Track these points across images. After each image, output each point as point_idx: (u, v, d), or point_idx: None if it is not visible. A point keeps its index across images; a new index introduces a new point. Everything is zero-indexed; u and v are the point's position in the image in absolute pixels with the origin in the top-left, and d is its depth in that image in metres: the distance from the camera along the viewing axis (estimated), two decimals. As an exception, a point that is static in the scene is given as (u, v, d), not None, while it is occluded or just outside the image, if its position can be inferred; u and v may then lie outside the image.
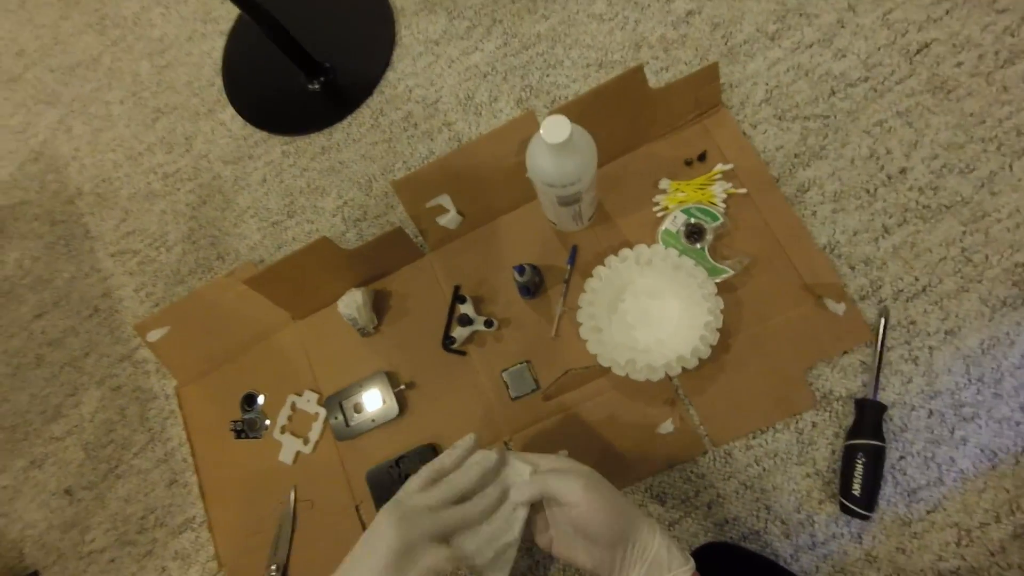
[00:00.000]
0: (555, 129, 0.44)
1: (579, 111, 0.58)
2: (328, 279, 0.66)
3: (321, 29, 0.81)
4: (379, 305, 0.68)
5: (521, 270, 0.57)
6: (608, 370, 0.55)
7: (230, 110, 0.83)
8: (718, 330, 0.52)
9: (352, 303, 0.64)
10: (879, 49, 0.60)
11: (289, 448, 0.66)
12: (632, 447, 0.57)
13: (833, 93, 0.60)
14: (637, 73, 0.56)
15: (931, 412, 0.51)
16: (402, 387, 0.64)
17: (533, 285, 0.60)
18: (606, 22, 0.69)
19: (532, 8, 0.72)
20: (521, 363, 0.61)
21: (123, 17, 0.93)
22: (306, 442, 0.66)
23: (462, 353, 0.63)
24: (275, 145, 0.79)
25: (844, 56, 0.61)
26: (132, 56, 0.90)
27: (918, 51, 0.59)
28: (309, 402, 0.67)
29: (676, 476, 0.56)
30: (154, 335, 0.72)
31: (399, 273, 0.68)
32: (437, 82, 0.74)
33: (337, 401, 0.65)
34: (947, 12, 0.59)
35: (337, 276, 0.66)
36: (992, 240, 0.53)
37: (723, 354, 0.55)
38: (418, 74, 0.75)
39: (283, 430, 0.67)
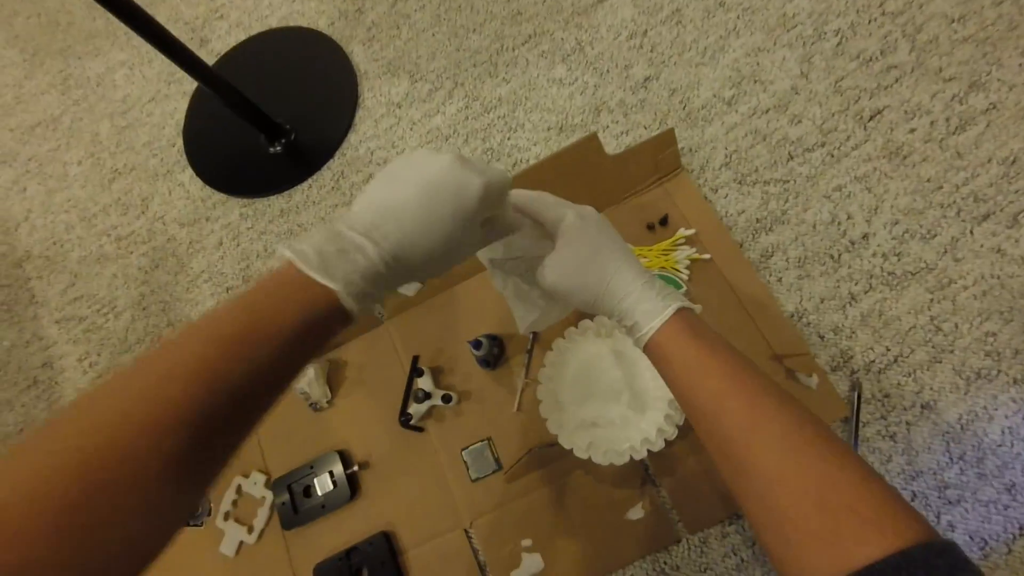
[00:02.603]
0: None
1: (537, 177, 0.57)
2: (278, 351, 0.62)
3: (284, 92, 0.81)
4: (334, 377, 0.64)
5: (477, 344, 0.54)
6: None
7: (189, 171, 0.81)
8: (684, 408, 0.49)
9: (304, 376, 0.61)
10: (833, 115, 0.60)
11: (232, 538, 0.60)
12: (601, 535, 0.53)
13: (791, 158, 0.60)
14: (592, 140, 0.55)
15: (915, 495, 0.48)
16: (355, 468, 0.59)
17: (492, 357, 0.57)
18: (566, 87, 0.69)
19: (493, 72, 0.73)
20: (482, 441, 0.57)
21: (87, 78, 0.92)
22: (251, 530, 0.60)
23: (420, 430, 0.59)
24: (233, 207, 0.77)
25: (800, 122, 0.61)
26: (93, 116, 0.89)
27: (871, 117, 0.59)
28: (256, 485, 0.62)
29: (649, 567, 0.51)
30: (91, 411, 0.67)
31: (355, 342, 0.65)
32: (399, 144, 0.73)
33: (286, 484, 0.60)
34: (896, 80, 0.59)
35: (288, 347, 0.62)
36: (960, 308, 0.51)
37: (692, 432, 0.52)
38: (380, 136, 0.74)
39: (227, 516, 0.61)
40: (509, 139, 0.69)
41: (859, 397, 0.50)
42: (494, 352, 0.57)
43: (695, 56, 0.66)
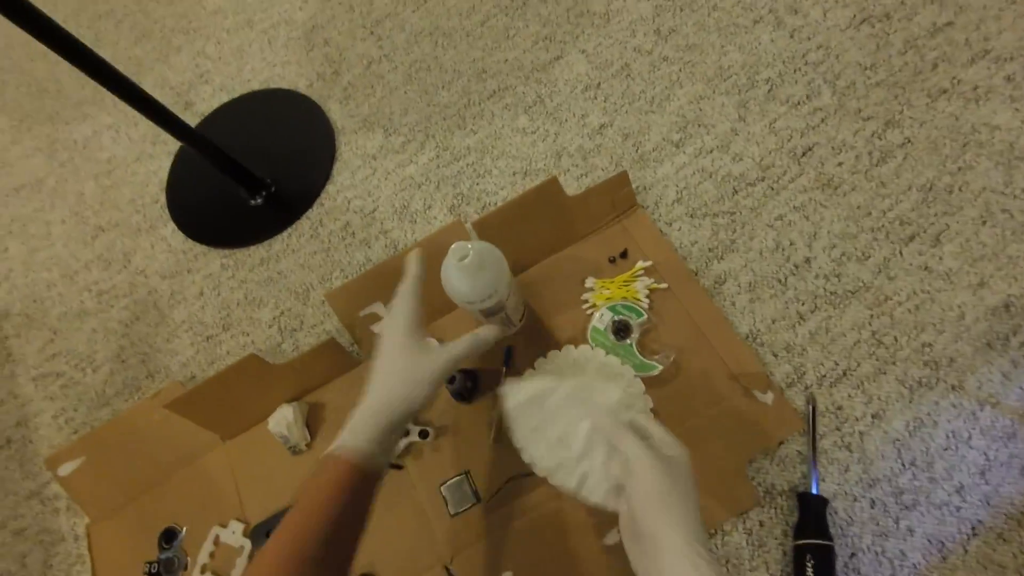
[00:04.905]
0: (460, 252, 0.46)
1: (502, 220, 0.61)
2: (258, 396, 0.63)
3: (265, 148, 0.85)
4: (313, 419, 0.65)
5: (451, 379, 0.56)
6: (546, 478, 0.52)
7: (172, 226, 0.84)
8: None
9: (283, 420, 0.62)
10: (770, 152, 0.66)
11: (207, 592, 0.59)
12: (580, 562, 0.53)
13: (736, 192, 0.65)
14: (553, 183, 0.60)
15: (873, 502, 0.50)
16: (334, 510, 0.59)
17: (466, 391, 0.59)
18: (529, 135, 0.75)
19: (462, 124, 0.78)
20: (460, 475, 0.58)
21: (73, 141, 0.96)
22: (227, 582, 0.59)
23: (399, 467, 0.60)
24: (214, 258, 0.79)
25: (741, 159, 0.67)
26: (78, 177, 0.92)
27: (803, 153, 0.65)
28: (234, 534, 0.61)
29: (628, 592, 0.52)
30: (66, 468, 0.67)
31: (333, 384, 0.66)
32: (374, 193, 0.77)
33: (264, 531, 0.60)
34: (822, 120, 0.66)
35: (268, 392, 0.63)
36: (898, 322, 0.56)
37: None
38: (356, 186, 0.79)
39: (203, 569, 0.60)
40: (478, 184, 0.74)
41: (814, 411, 0.53)
42: (468, 386, 0.59)
43: (644, 104, 0.73)
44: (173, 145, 0.90)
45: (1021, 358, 0.52)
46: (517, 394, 0.47)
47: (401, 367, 0.44)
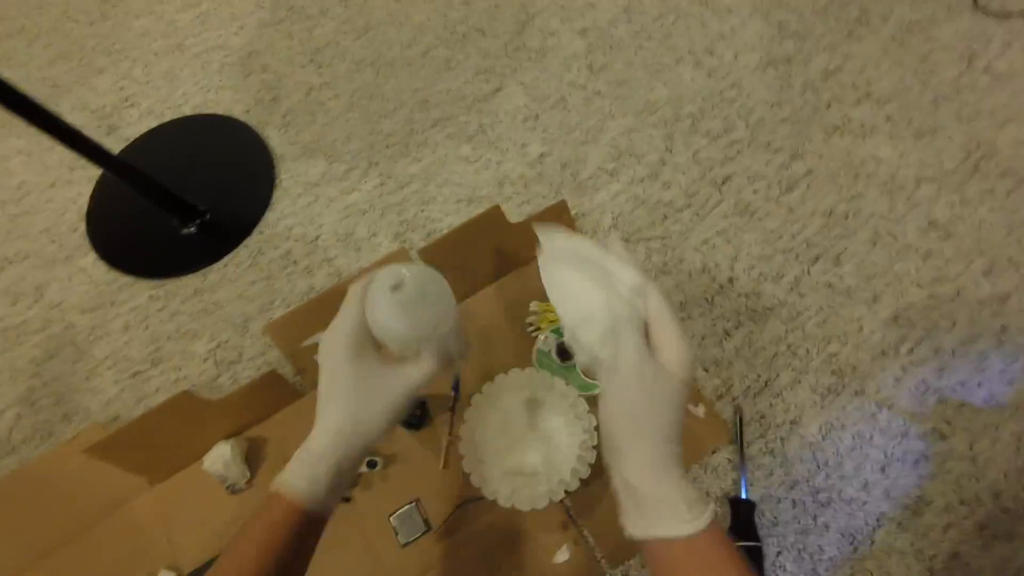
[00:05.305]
0: (393, 279, 0.37)
1: (448, 246, 0.62)
2: (193, 434, 0.60)
3: (198, 175, 0.83)
4: (253, 455, 0.62)
5: (398, 406, 0.56)
6: (496, 501, 0.53)
7: (92, 255, 0.79)
8: (594, 447, 0.54)
9: (219, 459, 0.59)
10: (694, 181, 0.72)
11: (134, 652, 0.55)
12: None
13: (666, 218, 0.70)
14: (496, 211, 0.62)
15: (794, 502, 0.55)
16: (277, 550, 0.57)
17: (415, 419, 0.59)
18: (472, 163, 0.77)
19: (405, 152, 0.80)
20: (410, 503, 0.58)
21: (-25, 165, 0.88)
22: (158, 641, 0.55)
23: (347, 499, 0.59)
24: (142, 290, 0.75)
25: (669, 187, 0.72)
26: (-19, 204, 0.84)
27: (723, 182, 0.71)
28: (165, 586, 0.57)
29: (578, 609, 0.53)
30: (-36, 528, 0.60)
31: (276, 417, 0.64)
32: (317, 220, 0.77)
33: (199, 579, 0.56)
34: (739, 152, 0.73)
35: (204, 430, 0.60)
36: (809, 335, 0.62)
37: (605, 470, 0.56)
38: (298, 213, 0.77)
39: (129, 628, 0.56)
40: (423, 211, 0.75)
41: (741, 420, 0.58)
42: (416, 413, 0.59)
43: (580, 135, 0.77)
44: (94, 171, 0.85)
45: (909, 364, 0.59)
46: (553, 242, 0.41)
47: (352, 392, 0.38)
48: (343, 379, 0.38)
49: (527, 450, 0.57)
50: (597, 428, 0.55)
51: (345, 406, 0.38)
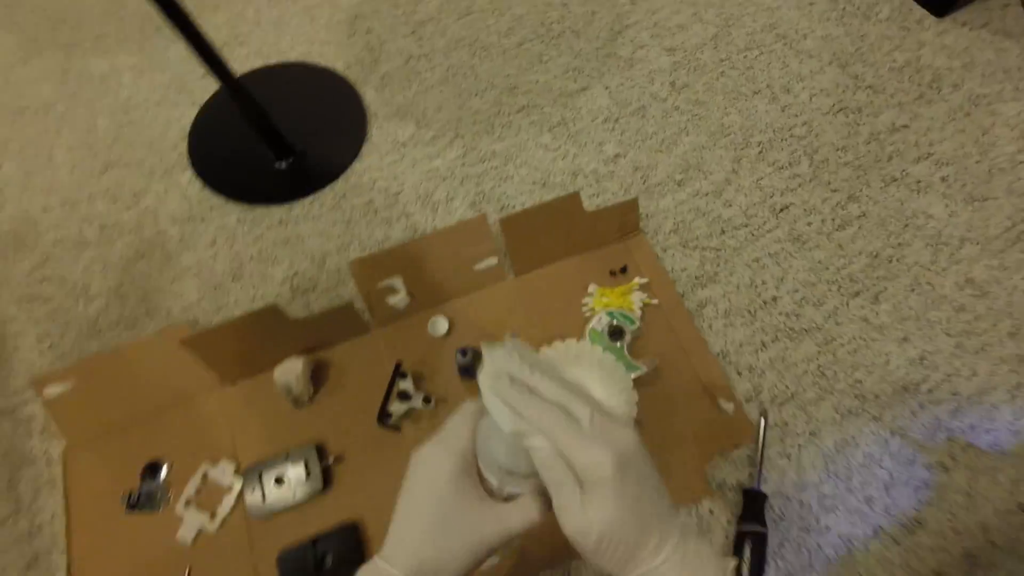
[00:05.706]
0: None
1: (526, 220, 0.68)
2: (269, 346, 0.66)
3: (296, 116, 0.89)
4: (317, 376, 0.68)
5: (464, 352, 0.62)
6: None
7: (189, 173, 0.85)
8: (634, 419, 0.59)
9: (291, 371, 0.65)
10: (754, 204, 0.77)
11: (191, 524, 0.61)
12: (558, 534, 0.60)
13: (723, 232, 0.76)
14: (575, 197, 0.68)
15: (801, 503, 0.60)
16: (330, 461, 0.63)
17: (474, 368, 0.65)
18: (551, 151, 0.83)
19: (490, 130, 0.86)
20: (454, 443, 0.64)
21: (90, 74, 0.95)
22: (213, 516, 0.61)
23: (397, 429, 0.65)
24: (232, 211, 0.81)
25: (730, 205, 0.77)
26: (92, 110, 0.91)
27: (781, 210, 0.77)
28: (224, 473, 0.63)
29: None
30: (52, 390, 0.66)
31: (342, 346, 0.70)
32: (400, 177, 0.83)
33: (257, 472, 0.62)
34: (799, 185, 0.78)
35: (279, 344, 0.66)
36: (839, 360, 0.67)
37: (636, 443, 0.62)
38: (383, 168, 0.84)
39: (188, 503, 0.62)
40: (499, 187, 0.81)
41: (765, 424, 0.63)
42: (477, 364, 0.65)
43: (655, 144, 0.83)
44: (200, 96, 0.92)
45: (927, 401, 0.64)
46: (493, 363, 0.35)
47: (445, 521, 0.33)
48: (437, 504, 0.34)
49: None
50: (638, 403, 0.61)
51: (431, 534, 0.33)
